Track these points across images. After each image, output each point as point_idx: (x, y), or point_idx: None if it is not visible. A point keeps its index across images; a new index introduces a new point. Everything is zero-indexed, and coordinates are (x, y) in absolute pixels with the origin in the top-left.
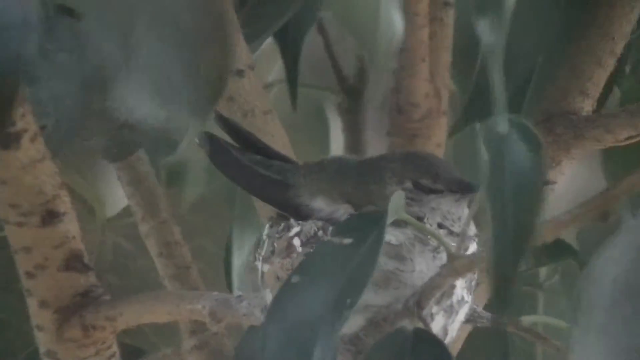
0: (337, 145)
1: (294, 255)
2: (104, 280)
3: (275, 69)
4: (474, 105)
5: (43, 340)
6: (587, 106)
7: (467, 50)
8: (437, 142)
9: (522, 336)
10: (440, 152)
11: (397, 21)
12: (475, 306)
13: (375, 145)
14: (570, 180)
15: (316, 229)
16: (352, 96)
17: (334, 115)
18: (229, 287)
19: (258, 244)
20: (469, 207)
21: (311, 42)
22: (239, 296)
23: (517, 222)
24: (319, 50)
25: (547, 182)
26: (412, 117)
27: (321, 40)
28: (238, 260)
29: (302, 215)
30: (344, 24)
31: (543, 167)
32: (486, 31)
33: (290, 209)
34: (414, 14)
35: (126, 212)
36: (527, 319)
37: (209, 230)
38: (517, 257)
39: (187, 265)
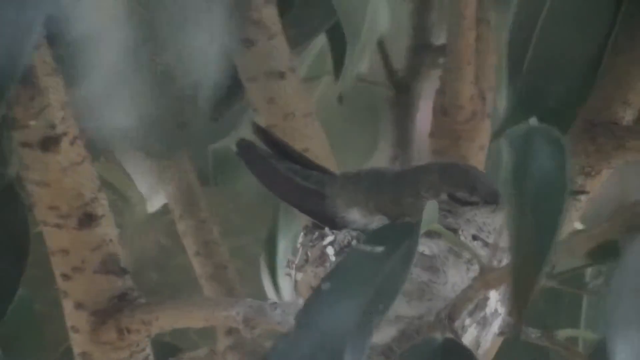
0: (385, 140)
1: (328, 264)
2: (144, 277)
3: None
4: (518, 109)
5: (78, 342)
6: (628, 116)
7: (514, 52)
8: (480, 144)
9: (557, 350)
10: (483, 155)
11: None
12: (509, 318)
13: (423, 143)
14: (611, 188)
15: (350, 238)
16: (401, 90)
17: (384, 110)
18: (274, 287)
19: (292, 252)
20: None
21: None
22: (274, 303)
23: (538, 230)
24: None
25: (577, 192)
26: (456, 119)
27: None
28: (282, 260)
29: (337, 226)
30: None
31: (567, 173)
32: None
33: (326, 220)
34: (462, 17)
35: (167, 209)
36: (564, 333)
37: (246, 229)
38: (537, 267)
39: (225, 264)
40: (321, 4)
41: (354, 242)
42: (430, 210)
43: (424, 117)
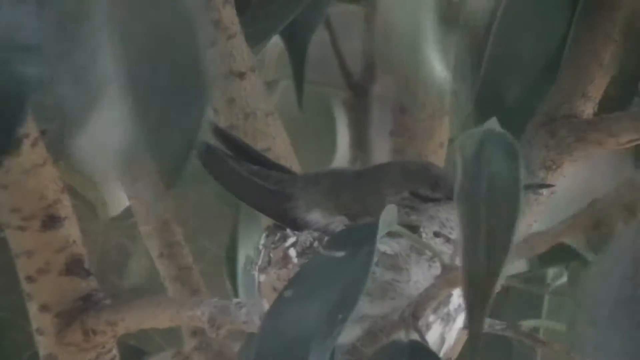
0: (343, 143)
1: (290, 266)
2: (107, 280)
3: (282, 65)
4: (479, 106)
5: (43, 344)
6: (588, 109)
7: (472, 50)
8: (440, 142)
9: (522, 340)
10: (443, 153)
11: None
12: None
13: (381, 143)
14: (571, 182)
15: (312, 240)
16: (358, 93)
17: (340, 112)
18: (234, 289)
19: (254, 253)
20: None
21: (317, 38)
22: (238, 303)
23: (492, 232)
24: (325, 46)
25: (540, 186)
26: (416, 117)
27: (327, 36)
28: (243, 262)
29: (298, 226)
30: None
31: (520, 175)
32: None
33: (287, 221)
34: None
35: (129, 212)
36: (527, 324)
37: (209, 231)
38: (493, 269)
39: (189, 266)
40: (277, 2)
41: (315, 244)
42: (389, 211)
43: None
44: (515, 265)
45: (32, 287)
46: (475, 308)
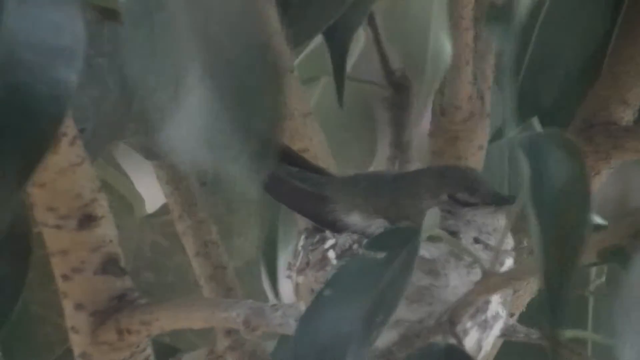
0: (383, 141)
1: (329, 268)
2: (142, 277)
3: (324, 60)
4: (519, 108)
5: (78, 343)
6: (627, 116)
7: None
8: (479, 144)
9: (560, 352)
10: (481, 155)
11: (446, 48)
12: (510, 319)
13: (421, 143)
14: (612, 189)
15: (351, 242)
16: (399, 91)
17: (381, 110)
18: (274, 290)
19: (293, 254)
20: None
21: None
22: (274, 305)
23: (566, 233)
24: (368, 43)
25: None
26: (454, 119)
27: (370, 33)
28: (282, 263)
29: (337, 229)
30: (393, 45)
31: (586, 175)
32: (499, 39)
33: (326, 223)
34: (460, 17)
35: (165, 209)
36: (568, 334)
37: (245, 230)
38: (569, 269)
39: (224, 265)
40: (319, 3)
41: (355, 246)
42: (432, 215)
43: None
44: None
45: (67, 286)
46: (554, 312)
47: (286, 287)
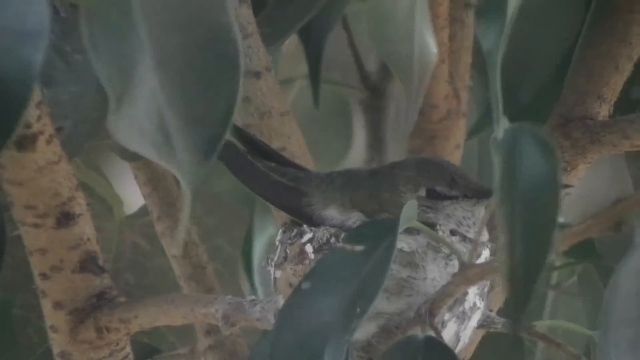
0: (359, 143)
1: (307, 261)
2: (122, 279)
3: (300, 64)
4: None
5: (57, 341)
6: (603, 111)
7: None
8: (456, 143)
9: (535, 341)
10: (459, 154)
11: (431, 47)
12: (488, 311)
13: (397, 143)
14: (583, 183)
15: (329, 236)
16: (374, 93)
17: (356, 112)
18: (250, 284)
19: (270, 249)
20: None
21: (334, 38)
22: (252, 300)
23: (535, 228)
24: (342, 46)
25: (564, 186)
26: (431, 119)
27: (344, 35)
28: (258, 257)
29: (314, 223)
30: (376, 47)
31: (558, 171)
32: (486, 36)
33: (303, 217)
34: (435, 16)
35: (145, 210)
36: (541, 324)
37: (224, 230)
38: (537, 265)
39: (203, 265)
40: (294, 2)
41: (332, 240)
42: (410, 208)
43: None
44: None
45: (46, 285)
46: (516, 306)
47: (265, 286)
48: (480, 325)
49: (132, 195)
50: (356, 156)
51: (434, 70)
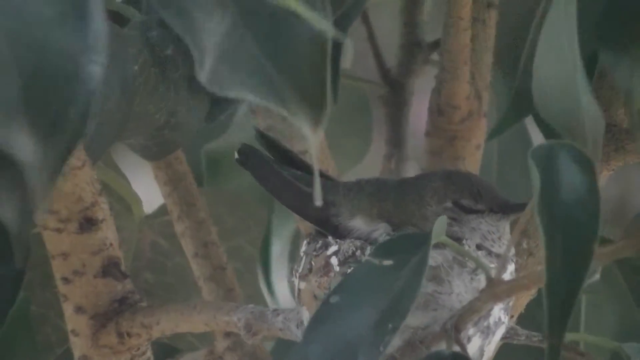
0: (379, 139)
1: (332, 274)
2: (141, 277)
3: None
4: (515, 107)
5: (78, 345)
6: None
7: (509, 51)
8: (476, 144)
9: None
10: (479, 154)
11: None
12: (512, 324)
13: (417, 141)
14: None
15: (354, 249)
16: (394, 88)
17: (376, 108)
18: (267, 285)
19: (294, 259)
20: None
21: (353, 32)
22: (275, 309)
23: (575, 244)
24: (363, 41)
25: None
26: (452, 119)
27: (364, 30)
28: (275, 257)
29: (340, 233)
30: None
31: (597, 186)
32: None
33: (329, 227)
34: (458, 17)
35: (164, 209)
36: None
37: (244, 230)
38: (577, 280)
39: (223, 266)
40: None
41: (358, 253)
42: (440, 222)
43: (418, 114)
44: None
45: (68, 289)
46: (556, 321)
47: (283, 289)
48: (503, 338)
49: (149, 195)
50: (376, 152)
51: (456, 71)
